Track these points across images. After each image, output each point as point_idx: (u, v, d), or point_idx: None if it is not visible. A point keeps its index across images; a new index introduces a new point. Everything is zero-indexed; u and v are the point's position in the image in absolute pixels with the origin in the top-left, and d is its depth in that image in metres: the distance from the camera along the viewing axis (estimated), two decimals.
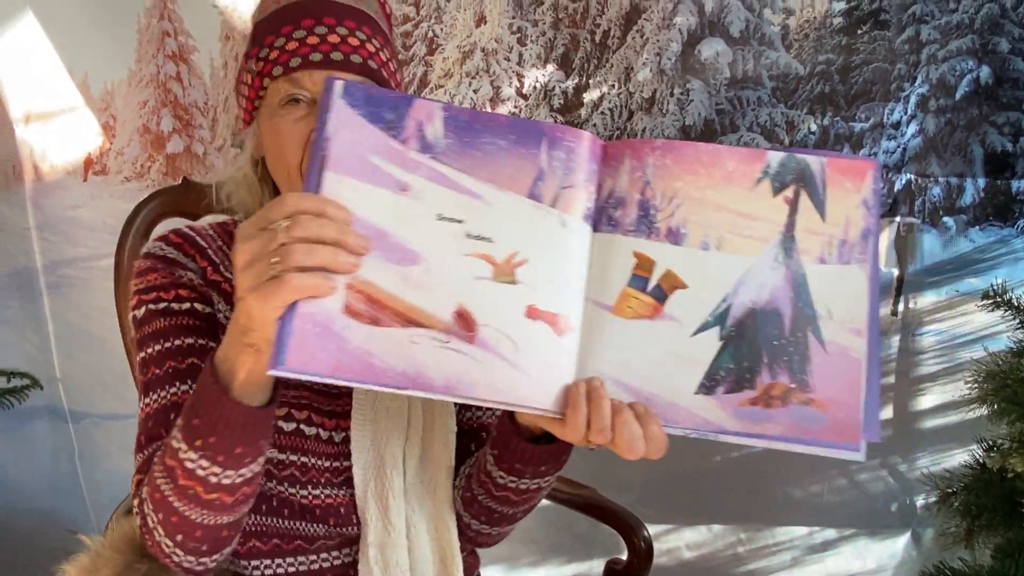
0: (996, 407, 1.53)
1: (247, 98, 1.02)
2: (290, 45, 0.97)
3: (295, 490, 1.03)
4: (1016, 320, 1.60)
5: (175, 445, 0.84)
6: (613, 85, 2.13)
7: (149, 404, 0.98)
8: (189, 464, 0.83)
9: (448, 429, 1.08)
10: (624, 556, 1.37)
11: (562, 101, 2.17)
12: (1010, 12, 1.96)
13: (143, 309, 1.01)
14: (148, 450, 0.95)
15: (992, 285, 1.67)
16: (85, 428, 2.44)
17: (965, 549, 1.58)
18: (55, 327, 2.40)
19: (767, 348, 0.76)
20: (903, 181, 2.03)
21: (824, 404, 0.75)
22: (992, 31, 1.96)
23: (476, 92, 2.19)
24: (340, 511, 1.04)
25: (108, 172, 2.40)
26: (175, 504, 0.87)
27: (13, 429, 2.36)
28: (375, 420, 1.04)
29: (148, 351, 1.00)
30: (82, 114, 2.35)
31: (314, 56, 0.96)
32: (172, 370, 0.98)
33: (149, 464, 0.91)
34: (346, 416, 1.03)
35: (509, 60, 2.18)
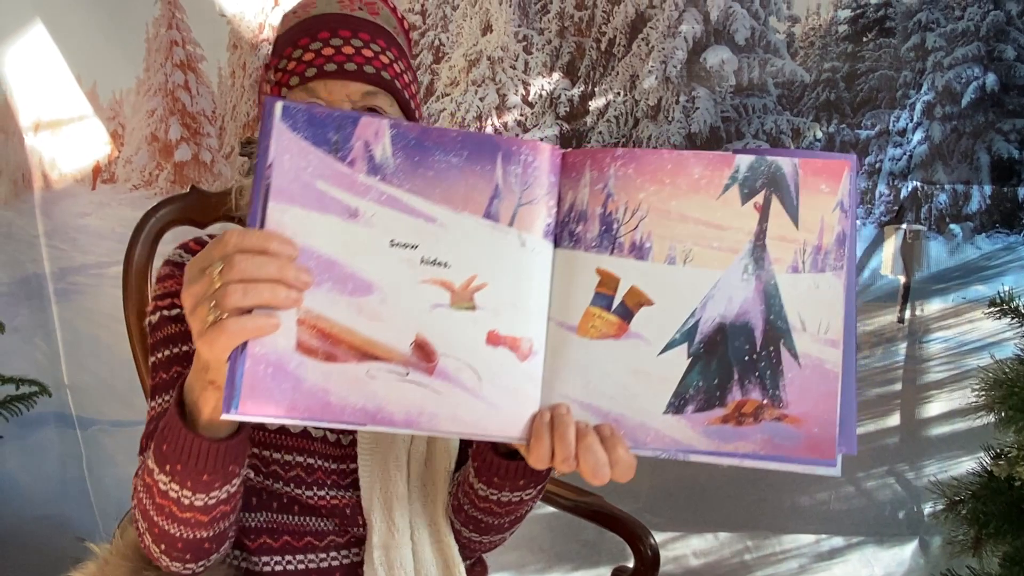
0: (1003, 415, 1.53)
1: None
2: (306, 56, 1.00)
3: (301, 491, 1.04)
4: (1023, 327, 1.59)
5: (150, 465, 0.85)
6: (619, 93, 2.14)
7: (154, 408, 1.00)
8: (162, 486, 0.84)
9: None
10: (631, 564, 1.37)
11: (568, 109, 2.17)
12: (1016, 19, 1.96)
13: (157, 315, 1.03)
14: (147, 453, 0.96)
15: (999, 292, 1.66)
16: (93, 435, 2.45)
17: (973, 557, 1.58)
18: (63, 334, 2.41)
19: (737, 364, 0.74)
20: (909, 188, 2.03)
21: (798, 419, 0.73)
22: (998, 38, 1.96)
23: (482, 100, 2.20)
24: (346, 512, 1.05)
25: (116, 180, 2.41)
26: (155, 518, 0.88)
27: (22, 436, 2.37)
28: None
29: (158, 355, 1.02)
30: (91, 122, 2.36)
31: (328, 66, 0.99)
32: (178, 375, 0.99)
33: None
34: None
35: (515, 68, 2.19)
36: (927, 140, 2.01)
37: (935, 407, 2.07)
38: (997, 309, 1.64)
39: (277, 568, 1.04)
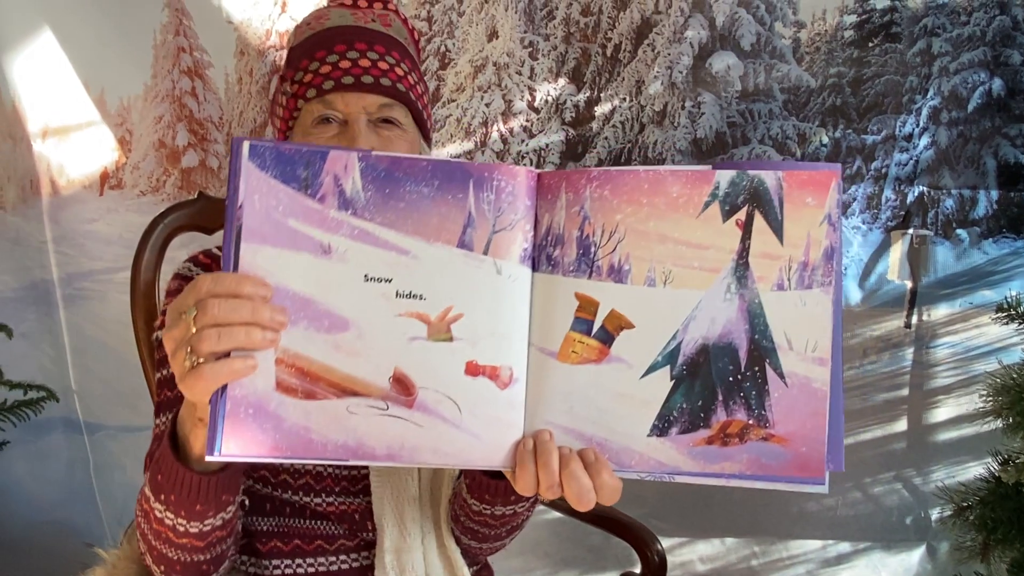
0: (1011, 420, 1.53)
1: (282, 118, 1.07)
2: (323, 69, 1.01)
3: (309, 498, 1.05)
4: None
5: (146, 492, 0.87)
6: (624, 98, 2.14)
7: (158, 425, 1.00)
8: (158, 513, 0.85)
9: None
10: (637, 569, 1.37)
11: (574, 114, 2.18)
12: (1022, 24, 1.96)
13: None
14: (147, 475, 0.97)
15: (1006, 297, 1.66)
16: (100, 440, 2.45)
17: (981, 563, 1.57)
18: (71, 340, 2.42)
19: (722, 384, 0.73)
20: (916, 193, 2.03)
21: (785, 439, 0.72)
22: (1004, 43, 1.95)
23: (488, 106, 2.20)
24: (355, 517, 1.06)
25: (124, 186, 2.41)
26: (153, 542, 0.89)
27: (29, 441, 2.38)
28: None
29: (163, 371, 1.02)
30: (98, 129, 2.37)
31: (346, 79, 1.00)
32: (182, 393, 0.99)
33: None
34: None
35: (521, 74, 2.19)
36: (933, 145, 2.01)
37: (942, 412, 2.06)
38: (1004, 314, 1.63)
39: (287, 572, 1.05)
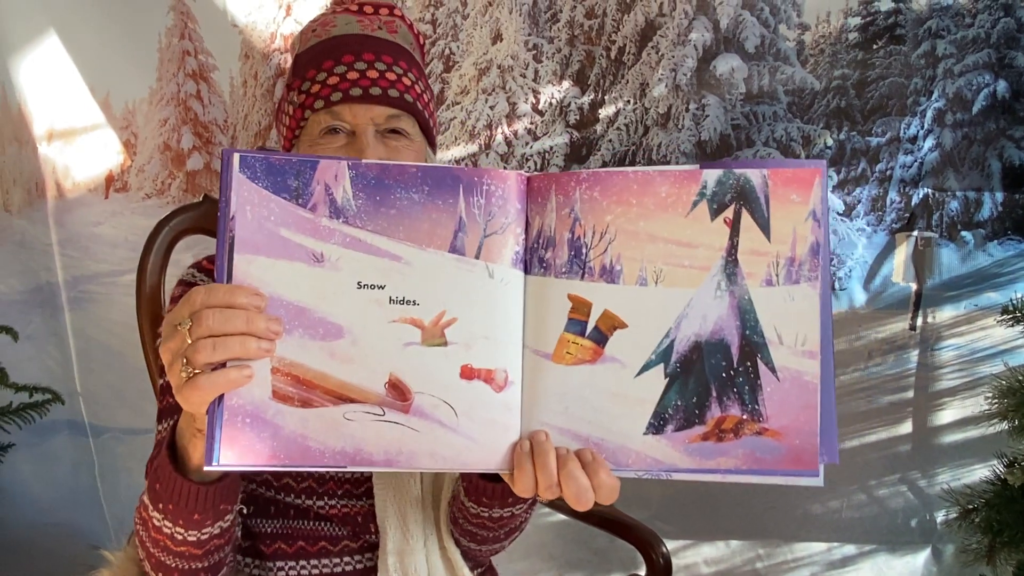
0: (1016, 422, 1.53)
1: (288, 127, 1.07)
2: (331, 80, 1.01)
3: (312, 501, 1.05)
4: None
5: (145, 500, 0.87)
6: (629, 101, 2.14)
7: (160, 432, 1.01)
8: (156, 522, 0.86)
9: None
10: (642, 572, 1.37)
11: (578, 117, 2.18)
12: None
13: None
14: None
15: (1012, 300, 1.66)
16: (105, 442, 2.46)
17: (987, 566, 1.57)
18: (76, 342, 2.42)
19: (715, 381, 0.74)
20: (920, 195, 2.03)
21: (778, 433, 0.73)
22: (1009, 45, 1.95)
23: (492, 109, 2.20)
24: (358, 520, 1.06)
25: (129, 189, 2.42)
26: (151, 549, 0.90)
27: (34, 443, 2.39)
28: None
29: (165, 378, 1.02)
30: (104, 132, 2.38)
31: (354, 91, 1.00)
32: None
33: None
34: None
35: (525, 77, 2.19)
36: (938, 147, 2.00)
37: (947, 415, 2.06)
38: (1010, 316, 1.63)
39: (291, 573, 1.05)
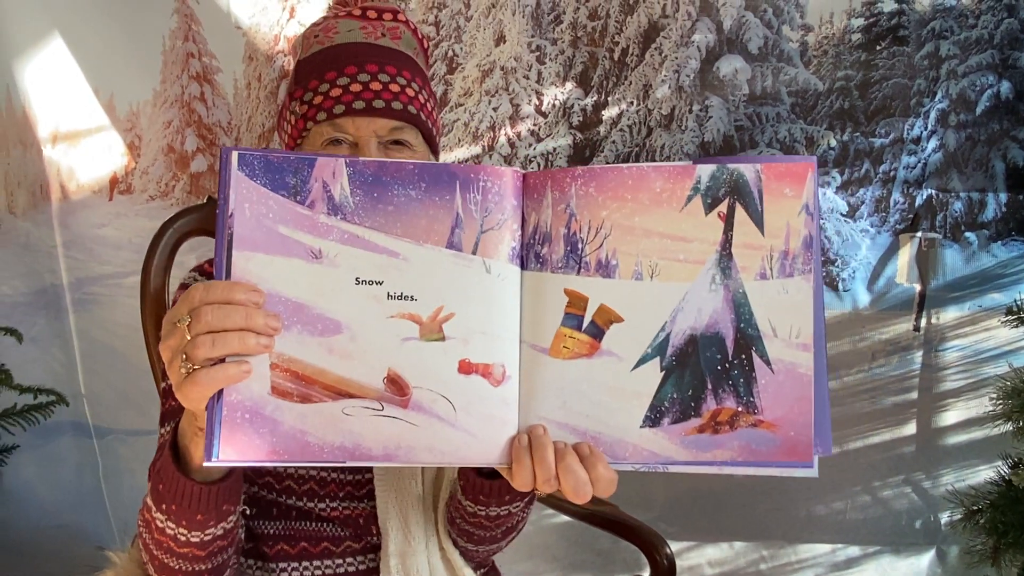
0: (1021, 424, 1.53)
1: (290, 135, 1.06)
2: (334, 92, 1.00)
3: (314, 503, 1.05)
4: None
5: (148, 502, 0.87)
6: (632, 102, 2.14)
7: (163, 435, 1.00)
8: (159, 523, 0.86)
9: None
10: (646, 573, 1.37)
11: (581, 119, 2.18)
12: None
13: None
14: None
15: (1016, 300, 1.66)
16: (109, 444, 2.46)
17: (991, 567, 1.57)
18: (80, 344, 2.43)
19: (710, 373, 0.75)
20: (924, 196, 2.02)
21: (773, 424, 0.74)
22: (1012, 46, 1.95)
23: (495, 110, 2.20)
24: (359, 521, 1.06)
25: (133, 191, 2.43)
26: (154, 551, 0.90)
27: (39, 445, 2.39)
28: None
29: (167, 381, 1.02)
30: (108, 134, 2.38)
31: (357, 104, 0.99)
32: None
33: None
34: None
35: (528, 78, 2.20)
36: (942, 148, 2.00)
37: (952, 416, 2.06)
38: (1014, 317, 1.63)
39: (294, 574, 1.05)
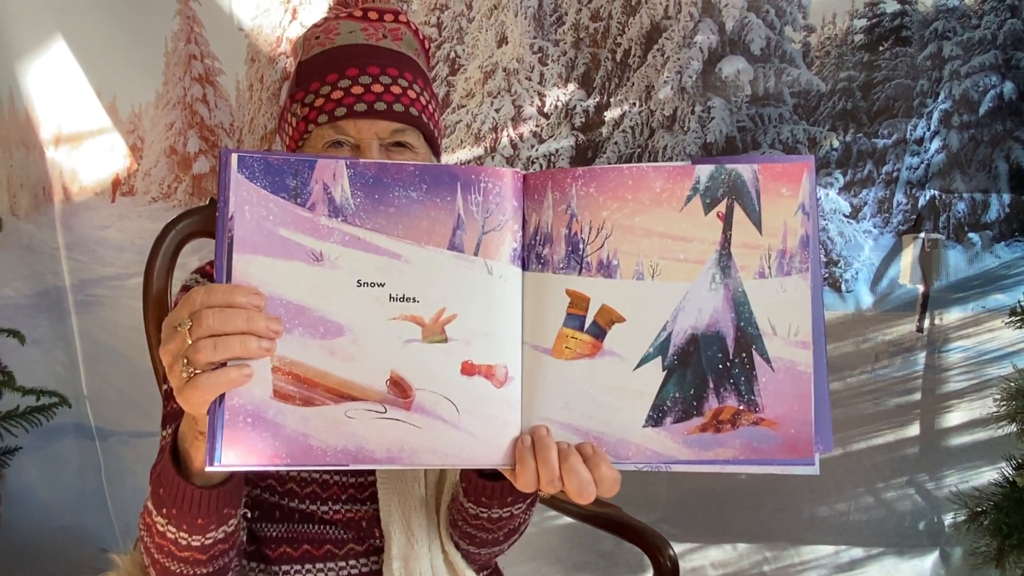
0: None
1: (291, 137, 1.06)
2: (335, 94, 1.00)
3: (317, 506, 1.05)
4: None
5: (148, 506, 0.87)
6: (634, 103, 2.14)
7: (164, 438, 1.00)
8: (160, 527, 0.86)
9: None
10: (650, 575, 1.36)
11: (583, 120, 2.18)
12: None
13: None
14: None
15: (1020, 301, 1.66)
16: (112, 446, 2.46)
17: (996, 568, 1.56)
18: (83, 345, 2.43)
19: (712, 372, 0.75)
20: (927, 197, 2.02)
21: (774, 422, 0.74)
22: (1015, 46, 1.95)
23: (498, 112, 2.20)
24: (362, 524, 1.06)
25: (136, 193, 2.43)
26: (155, 555, 0.89)
27: (41, 447, 2.39)
28: None
29: (170, 384, 1.02)
30: (110, 136, 2.38)
31: (359, 107, 0.99)
32: None
33: None
34: None
35: (530, 80, 2.20)
36: (945, 149, 2.00)
37: (955, 417, 2.06)
38: (1017, 318, 1.63)
39: None
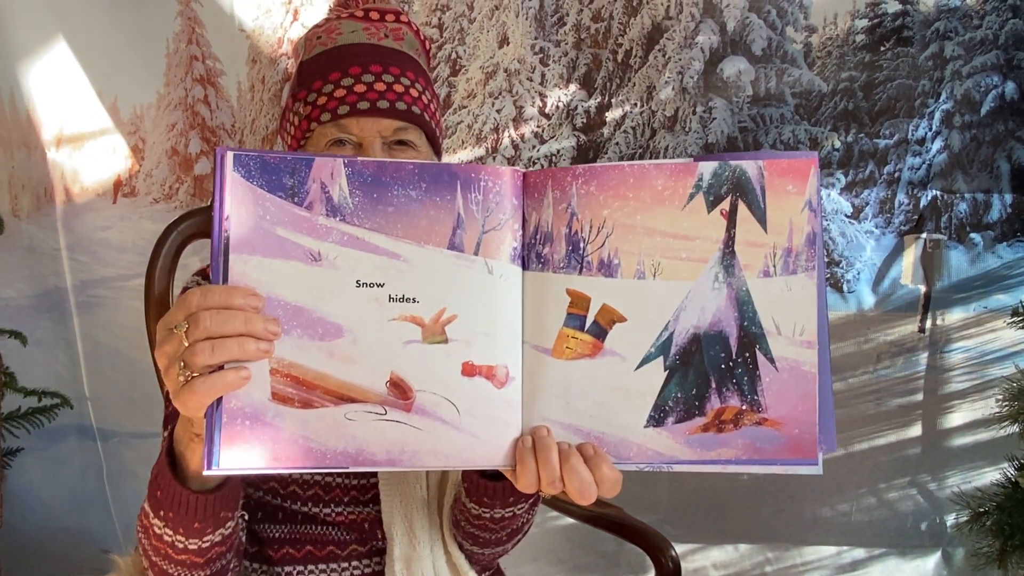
0: None
1: (293, 136, 1.06)
2: (338, 92, 1.00)
3: (319, 508, 1.05)
4: None
5: (146, 508, 0.86)
6: (635, 104, 2.14)
7: (165, 439, 1.00)
8: (157, 530, 0.85)
9: None
10: (651, 575, 1.36)
11: (584, 120, 2.18)
12: None
13: None
14: None
15: (1021, 301, 1.66)
16: (113, 447, 2.46)
17: (998, 569, 1.56)
18: (84, 346, 2.43)
19: (714, 372, 0.74)
20: (929, 197, 2.02)
21: (778, 422, 0.73)
22: (1017, 46, 1.95)
23: (499, 112, 2.20)
24: (364, 526, 1.06)
25: (137, 194, 2.43)
26: (153, 558, 0.89)
27: (43, 448, 2.39)
28: None
29: None
30: (112, 137, 2.38)
31: (361, 104, 0.99)
32: None
33: None
34: None
35: (532, 80, 2.19)
36: (946, 149, 2.00)
37: (957, 417, 2.05)
38: (1020, 318, 1.63)
39: None
